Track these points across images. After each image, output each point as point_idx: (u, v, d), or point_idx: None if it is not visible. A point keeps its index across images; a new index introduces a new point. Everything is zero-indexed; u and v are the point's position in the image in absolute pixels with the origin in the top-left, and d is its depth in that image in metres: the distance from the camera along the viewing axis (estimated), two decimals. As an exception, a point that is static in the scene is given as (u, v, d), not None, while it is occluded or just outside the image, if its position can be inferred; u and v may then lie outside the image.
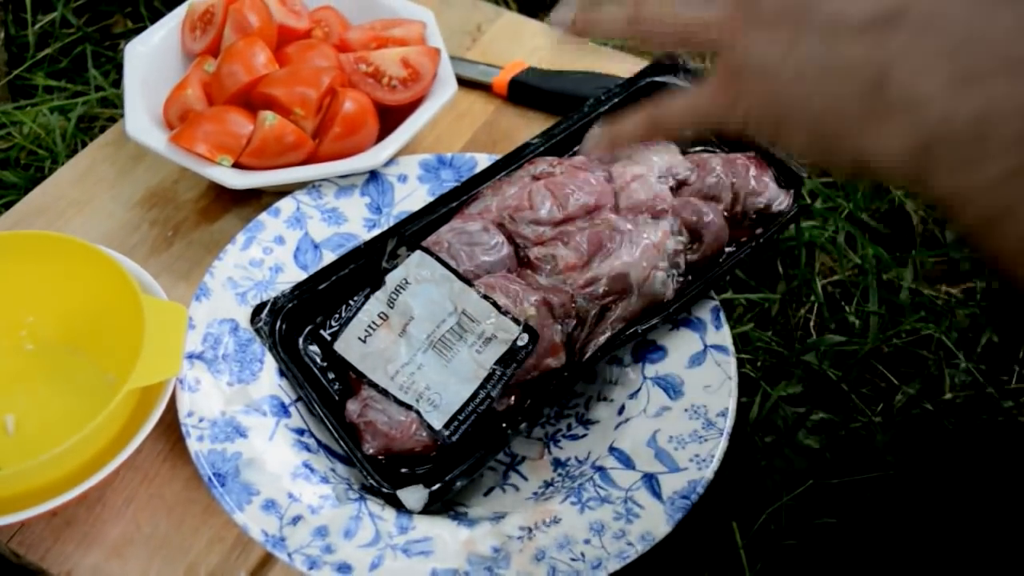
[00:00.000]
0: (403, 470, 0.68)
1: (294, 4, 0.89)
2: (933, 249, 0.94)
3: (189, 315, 0.72)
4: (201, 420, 0.68)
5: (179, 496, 0.70)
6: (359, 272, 0.75)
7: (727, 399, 0.69)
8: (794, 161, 0.79)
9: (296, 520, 0.64)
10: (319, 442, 0.70)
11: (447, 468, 0.67)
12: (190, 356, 0.70)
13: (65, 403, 0.73)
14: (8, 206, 0.90)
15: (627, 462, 0.68)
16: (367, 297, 0.71)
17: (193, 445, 0.67)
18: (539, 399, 0.70)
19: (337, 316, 0.73)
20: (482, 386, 0.68)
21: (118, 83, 1.06)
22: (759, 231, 0.76)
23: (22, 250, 0.72)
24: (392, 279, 0.71)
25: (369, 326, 0.70)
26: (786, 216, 0.77)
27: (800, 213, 0.80)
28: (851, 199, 0.96)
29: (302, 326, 0.74)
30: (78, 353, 0.74)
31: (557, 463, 0.72)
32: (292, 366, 0.72)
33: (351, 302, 0.72)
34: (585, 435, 0.73)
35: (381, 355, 0.70)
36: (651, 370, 0.72)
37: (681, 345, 0.73)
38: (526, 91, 0.94)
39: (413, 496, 0.66)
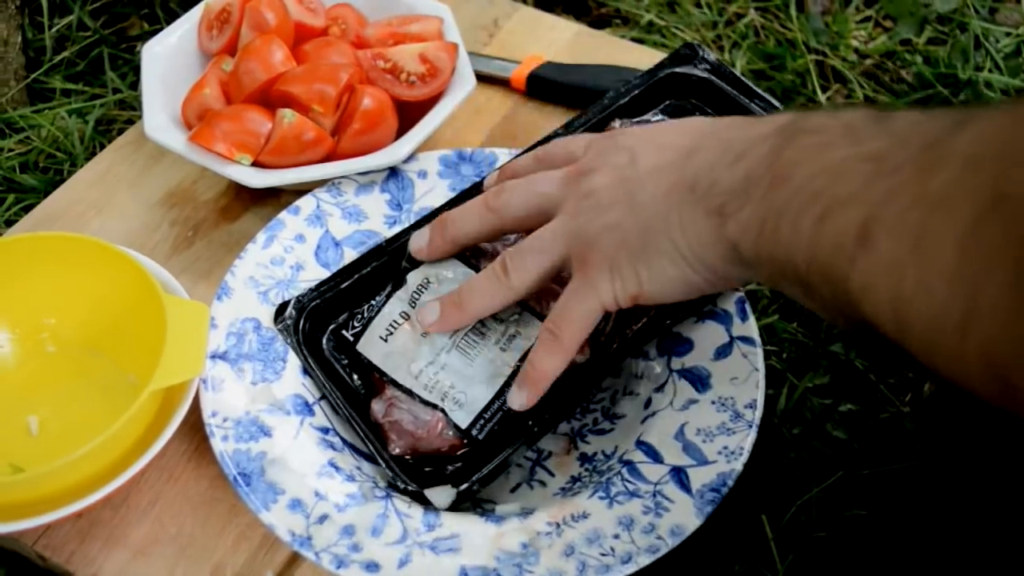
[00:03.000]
0: (427, 469, 0.68)
1: (310, 2, 0.89)
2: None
3: (211, 314, 0.72)
4: (225, 420, 0.67)
5: (204, 496, 0.69)
6: (382, 270, 0.75)
7: (755, 391, 0.68)
8: None
9: (323, 519, 0.64)
10: (344, 440, 0.70)
11: (474, 466, 0.67)
12: (213, 356, 0.70)
13: (88, 404, 0.72)
14: (28, 209, 0.90)
15: (655, 456, 0.67)
16: (388, 296, 0.71)
17: (217, 445, 0.66)
18: (565, 395, 0.69)
19: (360, 315, 0.72)
20: (507, 384, 0.67)
21: (135, 85, 1.05)
22: None
23: (42, 252, 0.72)
24: (413, 278, 0.71)
25: (391, 325, 0.70)
26: None
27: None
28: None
29: (325, 324, 0.73)
30: (99, 354, 0.74)
31: (584, 458, 0.71)
32: (316, 365, 0.71)
33: (373, 302, 0.72)
34: (612, 429, 0.72)
35: (404, 355, 0.69)
36: (677, 363, 0.72)
37: (707, 337, 0.72)
38: (544, 85, 0.94)
39: (441, 495, 0.66)
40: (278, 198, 0.85)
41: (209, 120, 0.79)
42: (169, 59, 0.86)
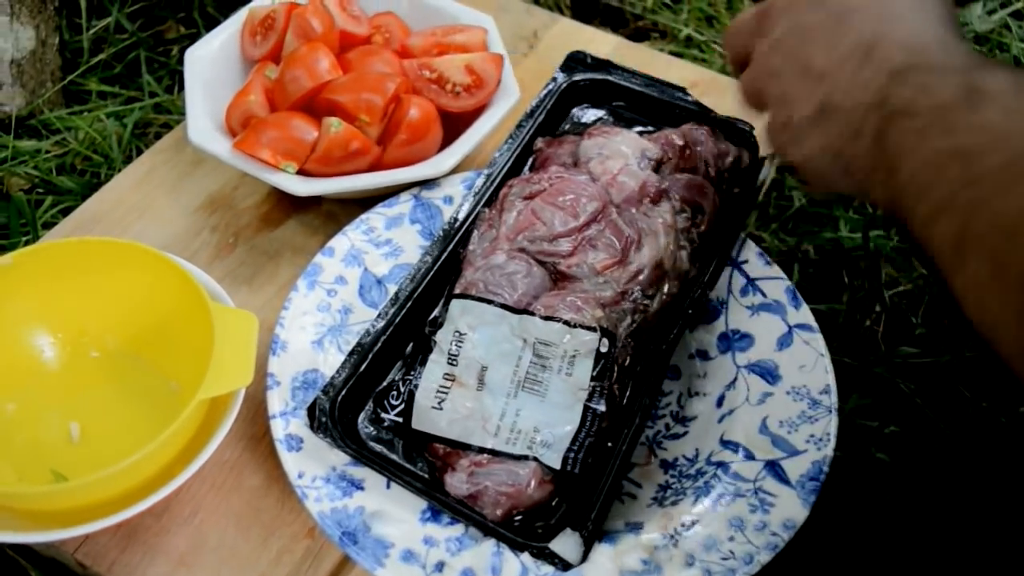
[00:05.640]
0: (534, 523, 0.65)
1: (354, 10, 0.88)
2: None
3: (270, 371, 0.70)
4: (314, 479, 0.65)
5: (246, 507, 0.69)
6: (392, 341, 0.71)
7: (825, 376, 0.69)
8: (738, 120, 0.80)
9: (440, 567, 0.62)
10: None
11: (583, 502, 0.64)
12: (283, 414, 0.68)
13: (129, 411, 0.72)
14: (66, 212, 0.89)
15: (745, 453, 0.67)
16: (422, 365, 0.68)
17: (312, 507, 0.64)
18: (634, 395, 0.68)
19: (394, 394, 0.69)
20: (586, 407, 0.66)
21: (171, 89, 1.05)
22: (737, 190, 0.77)
23: (87, 257, 0.72)
24: (443, 338, 0.68)
25: (439, 392, 0.67)
26: (762, 167, 0.77)
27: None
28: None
29: (358, 411, 0.70)
30: (141, 360, 0.73)
31: (666, 465, 0.70)
32: (373, 456, 0.67)
33: (408, 376, 0.69)
34: (686, 432, 0.71)
35: (471, 416, 0.66)
36: (742, 358, 0.72)
37: (765, 329, 0.72)
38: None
39: (569, 545, 0.62)
40: (319, 206, 0.85)
41: (254, 127, 0.78)
42: (211, 64, 0.86)
